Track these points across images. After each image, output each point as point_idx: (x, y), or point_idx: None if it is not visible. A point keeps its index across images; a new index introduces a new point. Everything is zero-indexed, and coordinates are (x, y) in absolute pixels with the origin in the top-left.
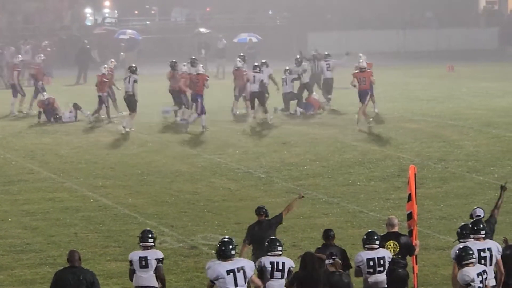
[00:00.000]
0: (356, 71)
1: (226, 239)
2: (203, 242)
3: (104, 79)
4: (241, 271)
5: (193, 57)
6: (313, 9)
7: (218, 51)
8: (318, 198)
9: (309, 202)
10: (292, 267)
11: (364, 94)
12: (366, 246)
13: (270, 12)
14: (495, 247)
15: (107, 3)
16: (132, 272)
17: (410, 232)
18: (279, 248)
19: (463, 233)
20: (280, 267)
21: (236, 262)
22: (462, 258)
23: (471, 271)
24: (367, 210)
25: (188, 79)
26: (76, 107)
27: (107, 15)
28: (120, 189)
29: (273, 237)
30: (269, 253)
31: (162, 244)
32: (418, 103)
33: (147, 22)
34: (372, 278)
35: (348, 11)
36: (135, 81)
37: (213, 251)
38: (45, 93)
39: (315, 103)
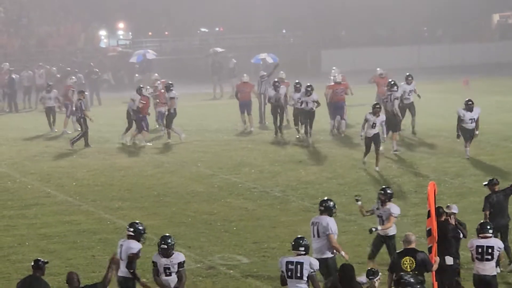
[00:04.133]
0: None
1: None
2: (220, 262)
3: (143, 102)
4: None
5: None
6: (326, 27)
7: (229, 71)
8: (335, 216)
9: None
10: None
11: (340, 106)
12: (479, 234)
13: (284, 31)
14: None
15: (121, 25)
16: (155, 273)
17: (430, 249)
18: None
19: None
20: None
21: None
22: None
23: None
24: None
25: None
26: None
27: (121, 37)
28: (137, 211)
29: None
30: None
31: None
32: (433, 118)
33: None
34: (479, 265)
35: (362, 28)
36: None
37: (231, 271)
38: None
39: None
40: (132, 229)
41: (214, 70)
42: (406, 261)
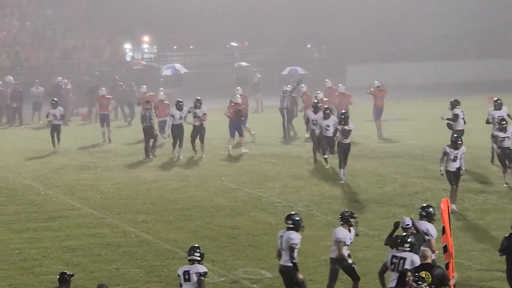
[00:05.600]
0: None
1: None
2: (244, 276)
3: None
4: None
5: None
6: (351, 42)
7: (254, 85)
8: (358, 231)
9: None
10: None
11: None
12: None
13: (309, 46)
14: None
15: (146, 39)
16: (180, 286)
17: (447, 265)
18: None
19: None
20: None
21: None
22: None
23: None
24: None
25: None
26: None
27: (146, 50)
28: (161, 224)
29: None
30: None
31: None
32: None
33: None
34: None
35: (386, 44)
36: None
37: (255, 285)
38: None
39: None
40: (290, 222)
41: (239, 84)
42: (422, 275)
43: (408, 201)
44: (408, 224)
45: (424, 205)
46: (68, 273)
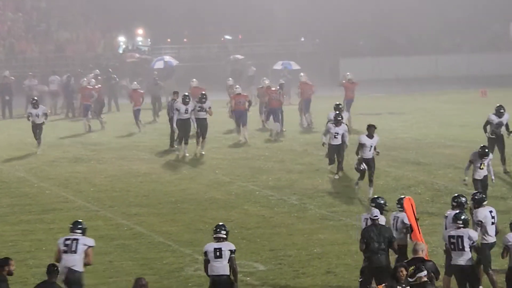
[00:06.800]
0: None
1: None
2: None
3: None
4: None
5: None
6: (345, 36)
7: (249, 79)
8: (352, 224)
9: (343, 229)
10: None
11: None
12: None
13: (302, 39)
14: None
15: (140, 32)
16: (206, 263)
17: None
18: None
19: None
20: None
21: None
22: None
23: None
24: None
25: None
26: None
27: (140, 43)
28: (154, 217)
29: None
30: None
31: (197, 272)
32: (451, 128)
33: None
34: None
35: (380, 37)
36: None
37: (248, 278)
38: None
39: None
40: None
41: (234, 77)
42: (412, 269)
43: (401, 194)
44: (376, 216)
45: (456, 194)
46: (57, 265)
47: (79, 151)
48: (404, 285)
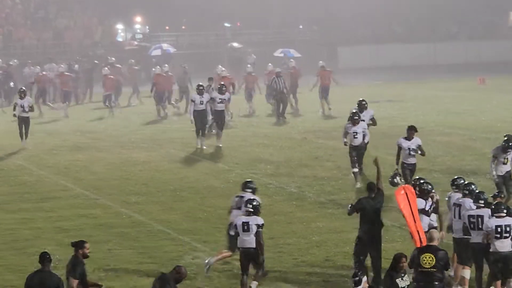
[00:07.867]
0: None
1: None
2: (236, 258)
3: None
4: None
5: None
6: (343, 23)
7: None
8: None
9: (341, 217)
10: None
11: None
12: (495, 214)
13: (301, 27)
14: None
15: (138, 19)
16: (231, 236)
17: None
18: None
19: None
20: None
21: None
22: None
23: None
24: (399, 224)
25: None
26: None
27: (138, 31)
28: (153, 205)
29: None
30: None
31: (195, 260)
32: (449, 116)
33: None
34: (498, 242)
35: (378, 25)
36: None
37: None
38: None
39: None
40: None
41: (232, 65)
42: (426, 257)
43: (400, 181)
44: None
45: (466, 182)
46: (48, 253)
47: (78, 139)
48: (403, 275)
